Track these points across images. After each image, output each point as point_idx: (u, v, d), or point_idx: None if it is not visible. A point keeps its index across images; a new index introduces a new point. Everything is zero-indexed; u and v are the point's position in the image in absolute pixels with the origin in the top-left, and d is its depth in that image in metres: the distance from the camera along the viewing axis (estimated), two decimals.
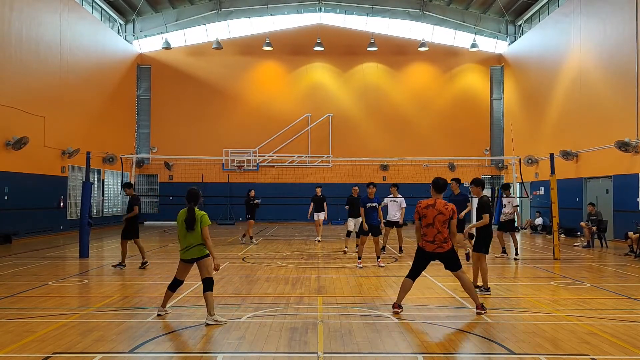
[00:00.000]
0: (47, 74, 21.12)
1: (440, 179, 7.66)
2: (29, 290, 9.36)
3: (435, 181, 7.63)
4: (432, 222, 7.37)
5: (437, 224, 7.35)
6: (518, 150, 25.92)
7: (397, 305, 7.62)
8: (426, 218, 7.42)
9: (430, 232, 7.40)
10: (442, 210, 7.38)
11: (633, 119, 17.86)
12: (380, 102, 31.40)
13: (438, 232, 7.36)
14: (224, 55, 30.69)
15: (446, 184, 7.72)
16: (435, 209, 7.40)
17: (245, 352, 5.85)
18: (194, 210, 7.16)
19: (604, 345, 6.09)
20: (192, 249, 7.18)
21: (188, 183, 28.51)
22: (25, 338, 6.26)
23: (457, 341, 6.33)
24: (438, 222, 7.35)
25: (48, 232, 20.93)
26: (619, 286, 10.17)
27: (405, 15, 31.09)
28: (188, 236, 7.17)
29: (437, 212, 7.38)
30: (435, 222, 7.36)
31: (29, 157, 19.22)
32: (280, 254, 15.03)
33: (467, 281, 7.59)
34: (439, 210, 7.39)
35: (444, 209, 7.39)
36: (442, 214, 7.36)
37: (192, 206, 7.19)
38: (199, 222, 7.14)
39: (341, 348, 5.96)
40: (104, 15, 27.78)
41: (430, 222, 7.38)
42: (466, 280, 7.58)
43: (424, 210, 7.46)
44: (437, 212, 7.38)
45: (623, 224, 17.63)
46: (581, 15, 21.88)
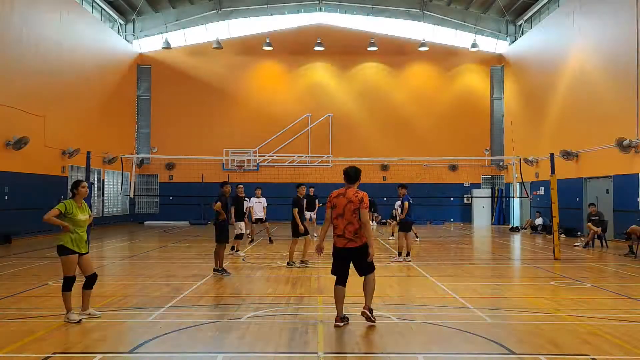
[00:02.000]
0: (47, 74, 21.12)
1: (351, 168, 7.14)
2: (29, 290, 9.36)
3: (345, 171, 7.12)
4: (343, 212, 6.84)
5: (347, 214, 6.81)
6: (518, 150, 25.90)
7: (339, 318, 6.90)
8: (336, 208, 6.90)
9: (340, 224, 6.84)
10: (351, 199, 6.85)
11: (633, 119, 17.85)
12: (381, 102, 31.39)
13: (349, 222, 6.80)
14: (224, 55, 30.69)
15: (358, 174, 7.13)
16: (345, 198, 6.89)
17: (245, 352, 5.84)
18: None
19: (604, 345, 6.08)
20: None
21: (188, 183, 28.73)
22: (25, 338, 6.26)
23: (457, 341, 6.32)
24: (348, 212, 6.81)
25: (48, 232, 20.91)
26: (619, 286, 10.17)
27: (405, 15, 31.08)
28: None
29: (347, 201, 6.86)
30: (346, 212, 6.83)
31: (29, 157, 19.22)
32: (281, 254, 15.01)
33: (372, 284, 7.07)
34: (348, 199, 6.87)
35: (354, 197, 6.85)
36: (351, 202, 6.83)
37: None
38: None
39: (341, 348, 5.96)
40: (104, 15, 27.78)
41: (341, 212, 6.85)
42: (371, 283, 7.07)
43: (335, 199, 6.95)
44: (347, 200, 6.86)
45: (623, 224, 17.61)
46: (581, 15, 21.88)
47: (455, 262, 13.69)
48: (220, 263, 11.09)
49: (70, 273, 7.23)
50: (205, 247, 17.08)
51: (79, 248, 7.32)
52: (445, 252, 15.90)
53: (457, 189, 30.64)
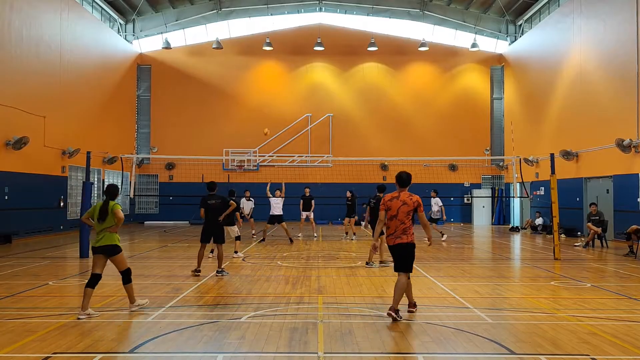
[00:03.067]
0: (47, 74, 21.12)
1: (404, 173, 7.60)
2: (29, 290, 9.36)
3: (398, 176, 7.59)
4: (396, 214, 7.33)
5: (401, 215, 7.32)
6: (518, 150, 25.91)
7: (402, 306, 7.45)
8: (390, 210, 7.40)
9: (393, 224, 7.37)
10: (406, 201, 7.35)
11: (633, 119, 17.85)
12: (381, 102, 31.39)
13: (401, 223, 7.31)
14: (224, 55, 30.68)
15: (410, 178, 7.61)
16: (400, 201, 7.38)
17: (245, 352, 5.84)
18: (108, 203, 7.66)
19: (604, 345, 6.08)
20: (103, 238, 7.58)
21: (188, 183, 28.72)
22: (25, 338, 6.26)
23: (457, 341, 6.32)
24: (402, 214, 7.32)
25: (48, 232, 20.93)
26: (619, 286, 10.17)
27: (405, 15, 31.08)
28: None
29: (401, 203, 7.35)
30: (399, 214, 7.33)
31: (29, 157, 19.22)
32: (281, 254, 15.02)
33: (403, 284, 7.32)
34: (403, 201, 7.36)
35: (408, 200, 7.36)
36: (406, 204, 7.33)
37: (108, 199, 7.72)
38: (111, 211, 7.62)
39: (341, 348, 5.96)
40: (104, 15, 27.78)
41: (395, 213, 7.34)
42: (402, 283, 7.32)
43: (389, 202, 7.44)
44: (402, 203, 7.35)
45: (623, 224, 17.61)
46: (581, 15, 21.88)
47: (455, 262, 13.69)
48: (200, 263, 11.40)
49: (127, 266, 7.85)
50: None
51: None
52: (445, 252, 15.90)
53: (457, 189, 30.64)
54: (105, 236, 7.51)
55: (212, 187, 11.84)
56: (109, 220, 7.53)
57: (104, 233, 7.52)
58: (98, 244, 7.51)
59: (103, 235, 7.52)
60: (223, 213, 11.39)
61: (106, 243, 7.51)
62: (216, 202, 11.37)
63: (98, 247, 7.51)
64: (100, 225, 7.56)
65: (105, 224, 7.54)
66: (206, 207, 11.38)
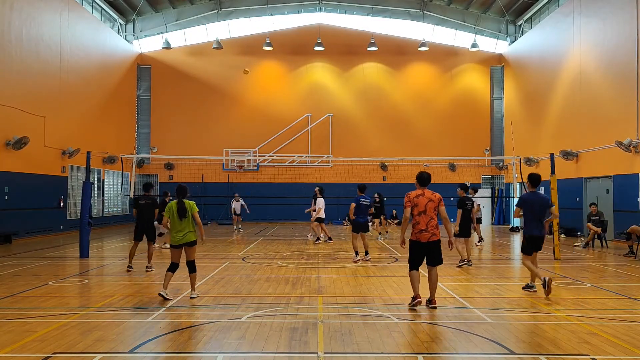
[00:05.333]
0: (47, 74, 21.12)
1: (425, 173, 8.10)
2: (29, 290, 9.36)
3: (419, 176, 8.07)
4: (425, 210, 7.78)
5: (429, 211, 7.79)
6: (518, 150, 25.91)
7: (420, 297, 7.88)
8: (418, 207, 7.81)
9: (423, 220, 7.78)
10: (431, 198, 7.86)
11: (633, 119, 17.85)
12: (381, 102, 31.39)
13: (430, 218, 7.80)
14: (224, 55, 30.68)
15: (430, 177, 8.11)
16: (425, 197, 7.86)
17: (245, 352, 5.84)
18: (184, 202, 8.58)
19: (604, 345, 6.08)
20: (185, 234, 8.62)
21: (188, 183, 28.66)
22: (25, 338, 6.26)
23: (457, 341, 6.33)
24: (430, 209, 7.80)
25: (48, 232, 20.93)
26: (619, 286, 10.17)
27: (405, 15, 31.08)
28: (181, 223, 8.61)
29: (427, 200, 7.84)
30: (427, 209, 7.79)
31: (29, 157, 19.22)
32: (281, 254, 15.02)
33: (437, 275, 8.06)
34: (428, 198, 7.86)
35: (432, 197, 7.89)
36: (432, 201, 7.84)
37: (181, 199, 8.63)
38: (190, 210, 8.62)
39: (341, 348, 5.96)
40: (104, 15, 27.78)
41: (423, 209, 7.79)
42: (437, 275, 8.06)
43: (415, 199, 7.86)
44: (428, 199, 7.84)
45: (623, 224, 17.61)
46: (581, 15, 21.88)
47: (455, 262, 13.69)
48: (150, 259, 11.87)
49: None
50: (206, 246, 17.08)
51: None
52: (444, 252, 15.86)
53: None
54: (188, 234, 8.60)
55: (147, 188, 12.27)
56: (190, 218, 8.56)
57: (186, 231, 8.56)
58: (183, 241, 8.59)
59: (186, 233, 8.57)
60: (153, 212, 11.90)
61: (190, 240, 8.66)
62: (147, 202, 11.76)
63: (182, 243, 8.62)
64: (181, 223, 8.54)
65: (187, 222, 8.55)
66: (138, 207, 11.81)
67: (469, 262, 12.53)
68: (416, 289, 7.92)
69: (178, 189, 8.78)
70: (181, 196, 8.65)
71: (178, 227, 8.57)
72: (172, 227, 8.63)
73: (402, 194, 15.49)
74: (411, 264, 8.02)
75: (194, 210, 8.64)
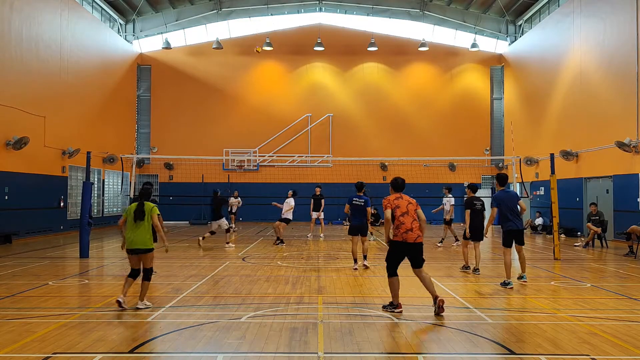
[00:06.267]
0: (47, 74, 21.12)
1: (400, 179, 8.16)
2: (29, 290, 9.36)
3: (394, 182, 8.12)
4: (407, 211, 7.78)
5: (411, 212, 7.79)
6: (518, 150, 25.91)
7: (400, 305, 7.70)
8: (400, 208, 7.79)
9: (407, 220, 7.72)
10: (410, 201, 7.95)
11: (633, 119, 17.85)
12: (381, 102, 31.39)
13: (414, 219, 7.77)
14: (224, 55, 30.68)
15: (404, 183, 8.16)
16: (405, 200, 7.91)
17: (245, 352, 5.84)
18: (144, 204, 8.03)
19: (604, 345, 6.08)
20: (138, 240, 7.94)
21: (188, 183, 28.73)
22: (25, 338, 6.26)
23: (457, 341, 6.33)
24: (411, 211, 7.80)
25: (48, 232, 20.93)
26: (619, 286, 10.17)
27: (405, 15, 31.08)
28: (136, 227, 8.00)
29: (407, 202, 7.88)
30: (409, 211, 7.79)
31: (29, 157, 19.22)
32: (281, 254, 15.02)
33: (428, 277, 7.81)
34: (408, 200, 7.92)
35: (411, 200, 7.98)
36: (411, 203, 7.91)
37: (142, 201, 8.10)
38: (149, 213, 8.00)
39: (341, 348, 5.96)
40: (104, 15, 27.78)
41: (405, 210, 7.78)
42: (427, 277, 7.80)
43: (395, 201, 7.86)
44: (407, 202, 7.89)
45: (623, 224, 17.62)
46: (581, 15, 21.88)
47: (455, 262, 13.69)
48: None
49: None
50: (206, 246, 17.08)
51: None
52: (444, 252, 15.90)
53: (457, 189, 30.60)
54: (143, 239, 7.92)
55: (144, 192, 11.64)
56: (147, 222, 7.93)
57: (141, 235, 7.90)
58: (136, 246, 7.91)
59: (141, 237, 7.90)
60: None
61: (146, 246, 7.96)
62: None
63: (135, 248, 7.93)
64: (135, 226, 7.90)
65: (143, 225, 7.92)
66: None
67: (476, 270, 11.44)
68: (397, 296, 7.71)
69: (141, 191, 8.31)
70: (143, 198, 8.13)
71: (132, 231, 7.89)
72: (127, 230, 7.99)
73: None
74: (391, 267, 7.77)
75: (154, 213, 8.01)
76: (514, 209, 9.88)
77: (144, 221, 7.89)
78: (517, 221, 9.92)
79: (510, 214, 9.85)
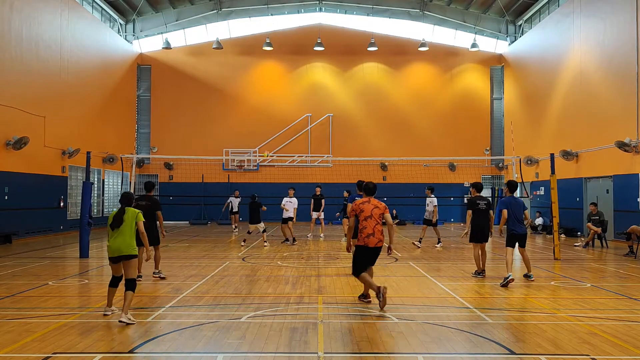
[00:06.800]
0: (47, 74, 21.11)
1: (371, 183, 8.40)
2: (29, 290, 9.36)
3: (366, 186, 8.37)
4: (371, 215, 8.02)
5: (375, 216, 8.03)
6: (518, 150, 25.91)
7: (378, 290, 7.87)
8: (364, 212, 8.04)
9: (369, 224, 7.99)
10: (377, 205, 8.16)
11: (633, 119, 17.85)
12: (381, 102, 31.39)
13: (377, 223, 8.03)
14: (224, 55, 30.68)
15: (376, 188, 8.39)
16: (371, 204, 8.13)
17: (245, 352, 5.84)
18: (124, 210, 7.63)
19: (604, 345, 6.08)
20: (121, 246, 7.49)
21: (188, 183, 28.73)
22: (25, 338, 6.26)
23: (457, 341, 6.33)
24: (376, 215, 8.03)
25: (48, 232, 20.93)
26: (619, 286, 10.17)
27: (405, 15, 31.08)
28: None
29: (373, 207, 8.10)
30: (374, 215, 8.02)
31: (29, 157, 19.22)
32: (281, 254, 15.02)
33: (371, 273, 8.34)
34: (374, 205, 8.14)
35: (378, 204, 8.19)
36: (377, 207, 8.12)
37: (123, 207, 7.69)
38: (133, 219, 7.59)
39: (341, 348, 5.96)
40: (104, 15, 27.77)
41: (369, 214, 8.02)
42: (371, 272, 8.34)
43: (361, 205, 8.11)
44: (374, 206, 8.11)
45: (623, 224, 17.62)
46: (581, 15, 21.88)
47: (455, 262, 13.70)
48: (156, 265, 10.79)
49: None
50: (206, 246, 17.10)
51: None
52: (445, 252, 15.90)
53: (457, 189, 30.63)
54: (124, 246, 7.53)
55: (148, 188, 11.09)
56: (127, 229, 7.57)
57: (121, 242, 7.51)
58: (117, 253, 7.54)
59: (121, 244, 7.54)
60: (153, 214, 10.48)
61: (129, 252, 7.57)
62: (146, 204, 10.54)
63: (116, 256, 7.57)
64: (113, 233, 7.55)
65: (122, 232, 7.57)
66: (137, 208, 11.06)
67: (482, 272, 11.12)
68: (374, 283, 8.00)
69: (121, 196, 7.90)
70: (123, 204, 7.79)
71: (112, 237, 7.60)
72: (108, 237, 7.71)
73: (403, 194, 15.51)
74: (358, 269, 8.09)
75: (139, 220, 7.66)
76: (518, 216, 10.29)
77: (123, 227, 7.51)
78: (522, 226, 10.33)
79: (516, 219, 10.27)
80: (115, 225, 7.47)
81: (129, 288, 7.29)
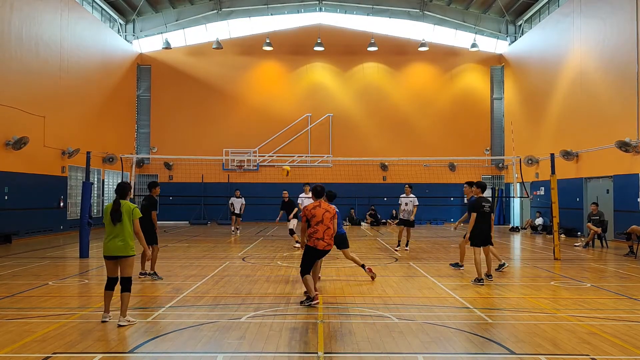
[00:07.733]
0: (47, 74, 21.11)
1: (319, 187, 8.68)
2: (29, 290, 9.36)
3: (314, 189, 8.62)
4: (322, 219, 8.24)
5: (326, 220, 8.27)
6: (518, 150, 25.91)
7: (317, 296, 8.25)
8: (316, 217, 8.24)
9: (320, 229, 8.22)
10: (327, 209, 8.38)
11: (633, 119, 17.85)
12: (381, 102, 31.38)
13: (327, 228, 8.27)
14: (224, 55, 30.68)
15: (324, 190, 8.71)
16: (322, 208, 8.34)
17: (245, 352, 5.84)
18: (120, 203, 7.12)
19: (604, 345, 6.08)
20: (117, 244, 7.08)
21: (188, 183, 28.73)
22: (25, 338, 6.26)
23: (457, 341, 6.33)
24: (326, 219, 8.27)
25: (48, 232, 20.93)
26: (619, 286, 10.17)
27: (405, 15, 31.07)
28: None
29: (324, 211, 8.32)
30: (324, 219, 8.25)
31: (29, 157, 19.22)
32: (281, 254, 15.02)
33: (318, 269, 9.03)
34: (325, 209, 8.35)
35: (329, 208, 8.42)
36: (328, 211, 8.34)
37: (118, 199, 7.18)
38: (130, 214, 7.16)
39: (341, 348, 5.96)
40: (104, 15, 27.77)
41: (320, 219, 8.24)
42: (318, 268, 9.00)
43: (312, 210, 8.29)
44: (324, 210, 8.33)
45: (623, 224, 17.62)
46: (581, 15, 21.87)
47: (455, 262, 13.69)
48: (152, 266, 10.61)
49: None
50: (206, 246, 17.10)
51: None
52: (445, 252, 15.90)
53: (457, 189, 30.59)
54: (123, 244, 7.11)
55: (150, 187, 10.81)
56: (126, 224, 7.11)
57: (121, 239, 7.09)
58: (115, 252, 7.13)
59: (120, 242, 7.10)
60: (150, 212, 10.25)
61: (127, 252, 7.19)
62: (143, 202, 10.45)
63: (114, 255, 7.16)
64: (114, 229, 7.10)
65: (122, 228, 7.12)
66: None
67: (483, 279, 10.25)
68: (312, 290, 8.18)
69: (117, 187, 7.29)
70: (119, 196, 7.20)
71: (111, 234, 7.07)
72: (105, 233, 7.18)
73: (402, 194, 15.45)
74: (305, 268, 8.25)
75: (135, 217, 7.16)
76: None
77: (122, 223, 7.03)
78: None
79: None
80: (116, 219, 6.99)
81: (125, 289, 7.03)
